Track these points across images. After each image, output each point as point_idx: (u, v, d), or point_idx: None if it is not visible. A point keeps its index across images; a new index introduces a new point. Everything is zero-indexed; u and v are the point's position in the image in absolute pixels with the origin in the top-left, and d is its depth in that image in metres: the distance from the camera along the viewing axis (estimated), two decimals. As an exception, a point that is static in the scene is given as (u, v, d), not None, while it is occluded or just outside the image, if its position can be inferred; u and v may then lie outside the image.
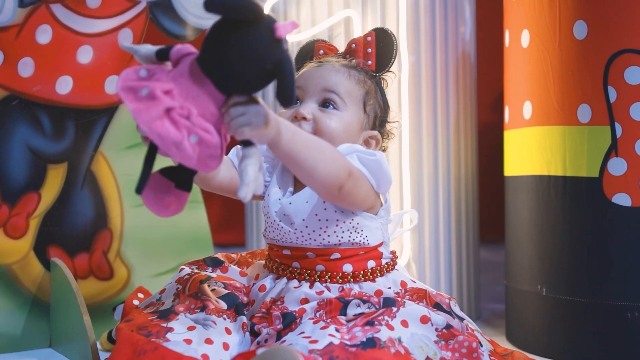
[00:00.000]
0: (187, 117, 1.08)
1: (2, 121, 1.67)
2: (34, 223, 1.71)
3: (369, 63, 1.43)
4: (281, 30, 1.09)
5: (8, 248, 1.68)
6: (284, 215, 1.34)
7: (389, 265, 1.38)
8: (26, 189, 1.70)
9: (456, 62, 1.96)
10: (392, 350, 1.16)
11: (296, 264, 1.35)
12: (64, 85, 1.73)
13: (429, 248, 1.93)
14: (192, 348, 1.20)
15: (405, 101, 1.89)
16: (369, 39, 1.44)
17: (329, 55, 1.45)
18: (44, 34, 1.69)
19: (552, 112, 1.65)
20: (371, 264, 1.35)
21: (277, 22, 1.09)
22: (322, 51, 1.46)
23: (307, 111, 1.37)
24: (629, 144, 1.55)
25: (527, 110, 1.70)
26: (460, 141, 1.97)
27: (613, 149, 1.57)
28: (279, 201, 1.35)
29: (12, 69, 1.67)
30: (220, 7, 1.07)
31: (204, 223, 1.91)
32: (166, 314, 1.28)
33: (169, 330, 1.23)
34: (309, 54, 1.47)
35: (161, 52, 1.14)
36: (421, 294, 1.35)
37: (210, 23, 1.94)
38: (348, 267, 1.34)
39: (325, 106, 1.38)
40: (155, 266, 1.85)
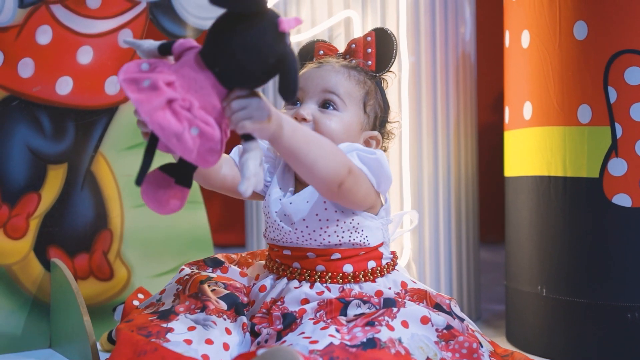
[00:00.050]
0: (188, 109, 1.07)
1: (2, 122, 1.67)
2: (34, 224, 1.71)
3: (369, 63, 1.43)
4: (285, 24, 1.08)
5: (8, 249, 1.68)
6: (284, 215, 1.34)
7: (390, 266, 1.38)
8: (26, 189, 1.70)
9: (456, 62, 1.96)
10: (393, 350, 1.16)
11: (296, 264, 1.35)
12: (64, 86, 1.72)
13: (429, 248, 1.93)
14: (192, 348, 1.20)
15: (406, 102, 1.88)
16: (368, 39, 1.44)
17: (329, 56, 1.45)
18: (44, 35, 1.69)
19: (552, 113, 1.65)
20: (371, 264, 1.35)
21: (281, 17, 1.09)
22: (322, 51, 1.46)
23: (307, 112, 1.36)
24: (629, 145, 1.55)
25: (527, 110, 1.70)
26: (460, 141, 1.97)
27: (613, 150, 1.56)
28: (280, 201, 1.35)
29: (12, 70, 1.67)
30: (225, 0, 1.07)
31: (204, 223, 1.91)
32: (166, 314, 1.28)
33: (169, 330, 1.23)
34: (308, 54, 1.47)
35: (164, 47, 1.14)
36: (421, 294, 1.35)
37: (211, 23, 1.94)
38: (348, 268, 1.34)
39: (326, 107, 1.38)
40: (155, 267, 1.85)
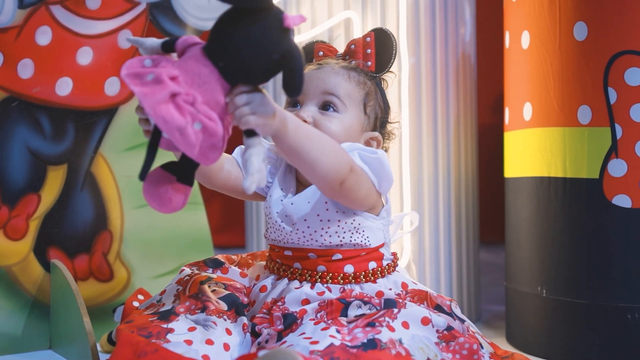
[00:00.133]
0: (192, 104, 1.07)
1: (1, 123, 1.67)
2: (34, 224, 1.71)
3: (369, 64, 1.43)
4: (290, 20, 1.08)
5: (8, 250, 1.68)
6: (285, 216, 1.34)
7: (390, 267, 1.38)
8: (26, 190, 1.70)
9: (456, 63, 1.96)
10: (393, 351, 1.16)
11: (297, 265, 1.35)
12: (63, 87, 1.72)
13: (429, 249, 1.92)
14: (192, 349, 1.20)
15: (406, 103, 1.88)
16: (368, 39, 1.44)
17: (329, 57, 1.45)
18: (43, 36, 1.69)
19: (552, 114, 1.65)
20: (372, 265, 1.35)
21: (285, 13, 1.09)
22: (321, 52, 1.46)
23: (307, 114, 1.36)
24: (629, 145, 1.55)
25: (527, 111, 1.70)
26: (460, 142, 1.97)
27: (613, 151, 1.56)
28: (281, 202, 1.35)
29: (11, 71, 1.67)
30: None
31: (203, 224, 1.91)
32: (166, 314, 1.28)
33: (170, 331, 1.23)
34: (308, 55, 1.47)
35: (167, 44, 1.14)
36: (422, 295, 1.34)
37: (211, 24, 1.94)
38: (349, 268, 1.34)
39: (326, 109, 1.38)
40: (155, 268, 1.85)
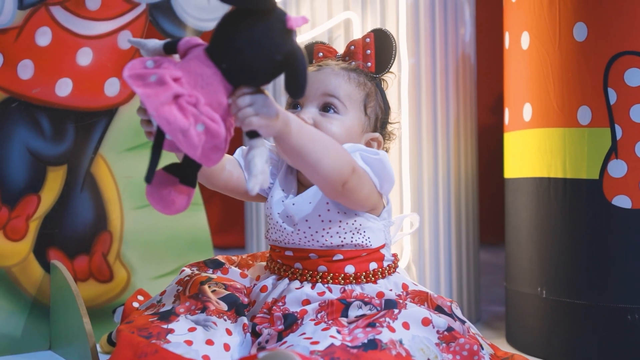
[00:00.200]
0: (194, 105, 1.07)
1: (1, 123, 1.67)
2: (34, 225, 1.71)
3: (369, 65, 1.43)
4: (293, 22, 1.08)
5: (8, 250, 1.68)
6: (286, 217, 1.34)
7: (391, 268, 1.38)
8: (26, 191, 1.70)
9: (456, 64, 1.96)
10: (393, 352, 1.16)
11: (298, 265, 1.35)
12: (63, 88, 1.72)
13: (429, 250, 1.92)
14: (192, 349, 1.20)
15: (405, 103, 1.88)
16: (367, 40, 1.44)
17: (328, 58, 1.45)
18: (43, 36, 1.69)
19: (552, 114, 1.65)
20: (373, 265, 1.35)
21: (288, 14, 1.09)
22: (321, 54, 1.46)
23: (308, 116, 1.37)
24: (629, 146, 1.55)
25: (527, 112, 1.70)
26: (460, 143, 1.97)
27: (613, 151, 1.56)
28: (282, 202, 1.35)
29: (11, 71, 1.67)
30: None
31: (203, 225, 1.91)
32: (167, 315, 1.28)
33: (170, 331, 1.23)
34: (308, 56, 1.47)
35: (169, 45, 1.13)
36: (423, 296, 1.35)
37: (211, 25, 1.94)
38: (350, 269, 1.34)
39: (326, 110, 1.38)
40: (155, 268, 1.85)
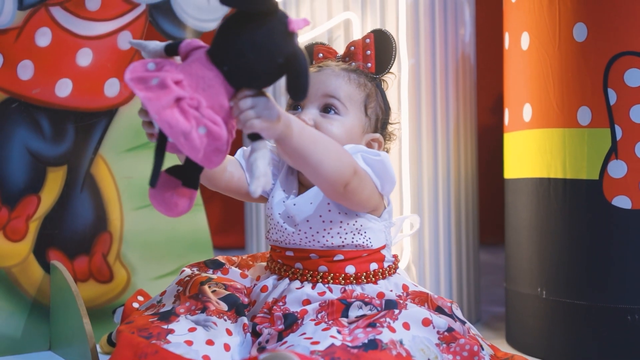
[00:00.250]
0: (196, 108, 1.07)
1: (1, 124, 1.67)
2: (34, 226, 1.71)
3: (369, 65, 1.43)
4: (294, 24, 1.08)
5: (8, 251, 1.68)
6: (287, 217, 1.34)
7: (391, 269, 1.38)
8: (26, 191, 1.70)
9: (456, 64, 1.96)
10: (394, 352, 1.16)
11: (299, 265, 1.35)
12: (63, 88, 1.72)
13: (429, 250, 1.92)
14: (193, 349, 1.20)
15: (405, 104, 1.88)
16: (367, 41, 1.44)
17: (329, 59, 1.45)
18: (43, 37, 1.69)
19: (552, 115, 1.65)
20: (373, 266, 1.36)
21: (290, 17, 1.09)
22: (321, 54, 1.46)
23: (309, 117, 1.37)
24: (629, 147, 1.55)
25: (527, 112, 1.70)
26: (460, 144, 1.97)
27: (613, 152, 1.56)
28: (283, 203, 1.35)
29: (11, 72, 1.67)
30: (235, 0, 1.07)
31: (203, 226, 1.91)
32: (167, 315, 1.28)
33: (170, 332, 1.23)
34: (308, 57, 1.46)
35: (170, 47, 1.13)
36: (423, 297, 1.35)
37: (210, 26, 1.94)
38: (351, 269, 1.34)
39: (327, 111, 1.38)
40: (155, 269, 1.85)
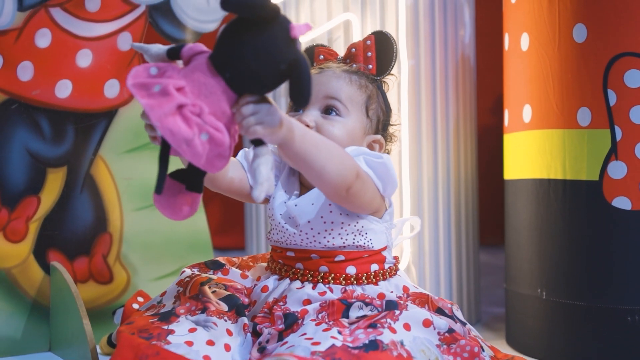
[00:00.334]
0: (198, 115, 1.07)
1: (1, 125, 1.67)
2: (34, 227, 1.71)
3: (370, 67, 1.43)
4: (296, 30, 1.08)
5: (8, 252, 1.68)
6: (289, 218, 1.34)
7: (392, 270, 1.38)
8: (26, 192, 1.70)
9: (456, 65, 1.96)
10: (395, 353, 1.16)
11: (299, 265, 1.35)
12: (63, 89, 1.72)
13: (428, 251, 1.92)
14: (193, 350, 1.20)
15: (405, 105, 1.88)
16: (368, 42, 1.44)
17: (330, 61, 1.45)
18: (43, 38, 1.69)
19: (551, 116, 1.65)
20: (374, 267, 1.36)
21: (292, 22, 1.09)
22: (322, 56, 1.46)
23: (310, 119, 1.37)
24: (629, 148, 1.55)
25: (527, 113, 1.70)
26: (460, 144, 1.97)
27: (613, 153, 1.56)
28: (285, 204, 1.35)
29: (11, 73, 1.67)
30: (237, 6, 1.06)
31: (203, 227, 1.91)
32: (167, 316, 1.28)
33: (170, 332, 1.23)
34: (309, 59, 1.47)
35: (172, 51, 1.14)
36: (423, 298, 1.35)
37: (210, 27, 1.94)
38: (351, 270, 1.34)
39: (328, 113, 1.38)
40: (155, 270, 1.85)
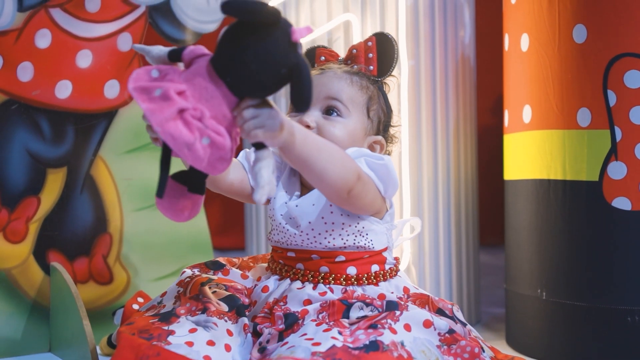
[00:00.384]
0: (199, 119, 1.07)
1: (1, 125, 1.67)
2: (34, 227, 1.71)
3: (371, 68, 1.43)
4: (297, 34, 1.08)
5: (8, 252, 1.68)
6: (290, 218, 1.34)
7: (392, 271, 1.38)
8: (26, 193, 1.70)
9: (456, 66, 1.96)
10: (395, 353, 1.16)
11: (300, 266, 1.35)
12: (63, 90, 1.72)
13: (429, 251, 1.92)
14: (194, 350, 1.20)
15: (405, 105, 1.89)
16: (369, 44, 1.45)
17: (331, 62, 1.45)
18: (43, 39, 1.69)
19: (551, 116, 1.65)
20: (375, 268, 1.36)
21: (293, 26, 1.09)
22: (323, 57, 1.46)
23: (311, 119, 1.37)
24: (628, 148, 1.55)
25: (527, 114, 1.71)
26: (460, 145, 1.97)
27: (613, 153, 1.57)
28: (286, 204, 1.35)
29: (11, 74, 1.67)
30: (237, 10, 1.06)
31: (203, 227, 1.91)
32: (167, 316, 1.28)
33: (171, 333, 1.23)
34: (310, 60, 1.47)
35: (174, 53, 1.14)
36: (424, 299, 1.35)
37: (210, 27, 1.94)
38: (352, 270, 1.34)
39: (329, 114, 1.38)
40: (155, 270, 1.85)
